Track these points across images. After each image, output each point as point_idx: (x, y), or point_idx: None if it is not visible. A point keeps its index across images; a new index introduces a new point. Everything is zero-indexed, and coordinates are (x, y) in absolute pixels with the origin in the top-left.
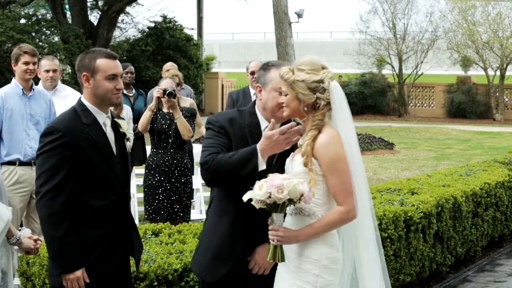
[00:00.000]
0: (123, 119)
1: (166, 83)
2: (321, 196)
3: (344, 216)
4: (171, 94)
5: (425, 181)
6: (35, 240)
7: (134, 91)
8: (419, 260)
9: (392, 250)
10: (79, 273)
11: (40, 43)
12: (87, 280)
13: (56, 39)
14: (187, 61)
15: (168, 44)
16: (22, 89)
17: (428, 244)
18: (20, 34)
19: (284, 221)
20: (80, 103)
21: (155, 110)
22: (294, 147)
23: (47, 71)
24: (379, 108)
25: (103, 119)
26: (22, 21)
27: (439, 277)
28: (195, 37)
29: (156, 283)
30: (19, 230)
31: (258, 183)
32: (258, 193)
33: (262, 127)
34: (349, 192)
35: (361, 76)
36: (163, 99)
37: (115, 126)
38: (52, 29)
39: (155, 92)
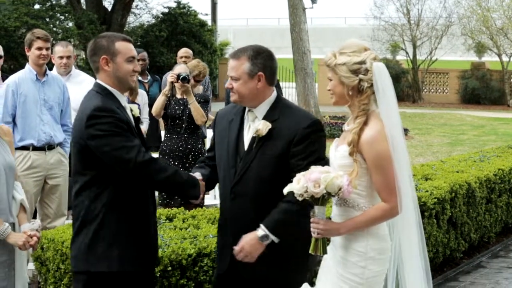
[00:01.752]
0: (138, 104)
1: (180, 68)
2: (365, 188)
3: (387, 213)
4: (185, 79)
5: (439, 167)
6: (31, 236)
7: (149, 77)
8: (433, 246)
9: None
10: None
11: (54, 29)
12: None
13: (70, 24)
14: (201, 46)
15: (182, 29)
16: (36, 75)
17: (442, 230)
18: (34, 20)
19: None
20: (101, 87)
21: (168, 95)
22: (269, 134)
23: (61, 57)
24: None
25: (124, 103)
26: (36, 6)
27: (453, 263)
28: (209, 22)
29: (170, 268)
30: (31, 222)
31: (297, 176)
32: (296, 187)
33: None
34: (392, 189)
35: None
36: (176, 84)
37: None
38: (66, 14)
39: (169, 77)
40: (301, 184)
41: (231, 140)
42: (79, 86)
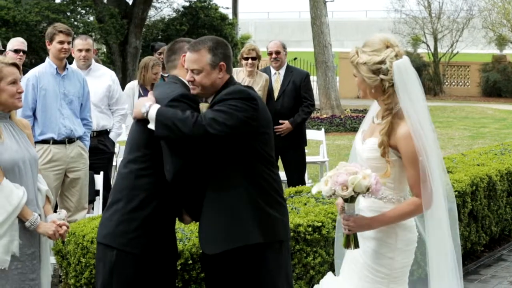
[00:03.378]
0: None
1: None
2: (393, 180)
3: (420, 208)
4: None
5: (460, 160)
6: (60, 226)
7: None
8: None
9: None
10: None
11: (75, 23)
12: None
13: (91, 18)
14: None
15: (203, 23)
16: (56, 69)
17: (463, 223)
18: (55, 14)
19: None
20: (182, 81)
21: None
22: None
23: (80, 50)
24: None
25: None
26: (57, 0)
27: (474, 256)
28: (230, 16)
29: (190, 261)
30: (58, 212)
31: (324, 177)
32: (324, 188)
33: None
34: (423, 184)
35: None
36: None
37: None
38: (87, 8)
39: None
40: (329, 186)
41: None
42: (99, 80)
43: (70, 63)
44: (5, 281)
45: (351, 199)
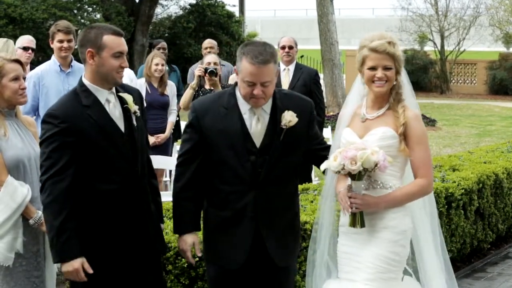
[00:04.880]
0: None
1: (210, 58)
2: (399, 169)
3: (425, 189)
4: (213, 73)
5: (467, 157)
6: None
7: (166, 67)
8: (460, 237)
9: None
10: (76, 263)
11: (82, 20)
12: (90, 271)
13: (98, 16)
14: (229, 38)
15: (210, 21)
16: (59, 66)
17: (469, 220)
18: (62, 11)
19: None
20: (80, 83)
21: (196, 89)
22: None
23: None
24: (421, 85)
25: (105, 96)
26: None
27: (480, 253)
28: (237, 14)
29: (197, 259)
30: None
31: (333, 153)
32: (333, 164)
33: (241, 108)
34: (430, 165)
35: (403, 53)
36: (205, 77)
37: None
38: (94, 6)
39: (197, 70)
40: (338, 161)
41: (238, 134)
42: None
43: (78, 60)
44: (10, 278)
45: (358, 176)
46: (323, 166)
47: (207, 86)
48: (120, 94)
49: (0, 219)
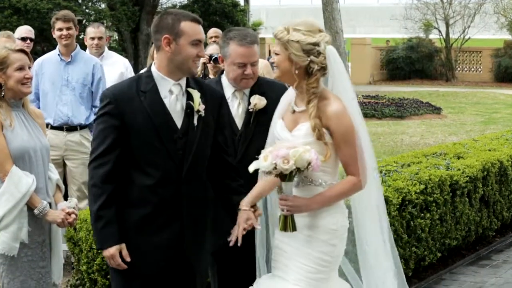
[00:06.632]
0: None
1: (212, 49)
2: (330, 165)
3: (357, 186)
4: (217, 60)
5: (471, 145)
6: (69, 214)
7: None
8: (465, 225)
9: (438, 215)
10: (112, 250)
11: (87, 10)
12: (127, 259)
13: (103, 6)
14: (234, 27)
15: (215, 10)
16: (59, 55)
17: (474, 208)
18: (67, 1)
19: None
20: (148, 68)
21: (201, 76)
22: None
23: (92, 38)
24: (427, 72)
25: (169, 87)
26: None
27: (486, 241)
28: (242, 2)
29: None
30: (68, 200)
31: (263, 153)
32: (263, 164)
33: (227, 95)
34: (359, 162)
35: (408, 41)
36: (209, 65)
37: (190, 97)
38: None
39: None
40: (269, 161)
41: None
42: (112, 68)
43: (84, 50)
44: (15, 268)
45: (289, 177)
46: (252, 167)
47: (211, 76)
48: (189, 89)
49: (4, 208)
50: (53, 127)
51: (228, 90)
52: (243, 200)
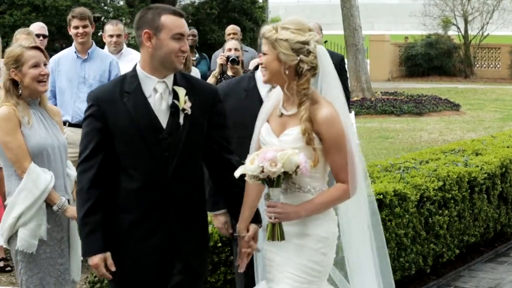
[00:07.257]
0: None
1: (231, 44)
2: (320, 171)
3: (347, 194)
4: (234, 61)
5: (489, 142)
6: None
7: (197, 54)
8: (483, 221)
9: (456, 211)
10: (96, 259)
11: (106, 7)
12: (112, 268)
13: (121, 3)
14: (252, 23)
15: (233, 6)
16: (76, 52)
17: (492, 205)
18: None
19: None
20: (133, 68)
21: (218, 77)
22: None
23: (111, 36)
24: (445, 69)
25: (153, 85)
26: None
27: (504, 238)
28: None
29: (220, 244)
30: None
31: (249, 157)
32: (250, 167)
33: (262, 92)
34: (349, 169)
35: (427, 38)
36: (227, 65)
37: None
38: None
39: (218, 59)
40: (256, 164)
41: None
42: (130, 65)
43: (102, 48)
44: (34, 265)
45: (277, 182)
46: (238, 172)
47: (229, 73)
48: (175, 87)
49: (23, 205)
50: (71, 125)
51: (263, 87)
52: (238, 226)
